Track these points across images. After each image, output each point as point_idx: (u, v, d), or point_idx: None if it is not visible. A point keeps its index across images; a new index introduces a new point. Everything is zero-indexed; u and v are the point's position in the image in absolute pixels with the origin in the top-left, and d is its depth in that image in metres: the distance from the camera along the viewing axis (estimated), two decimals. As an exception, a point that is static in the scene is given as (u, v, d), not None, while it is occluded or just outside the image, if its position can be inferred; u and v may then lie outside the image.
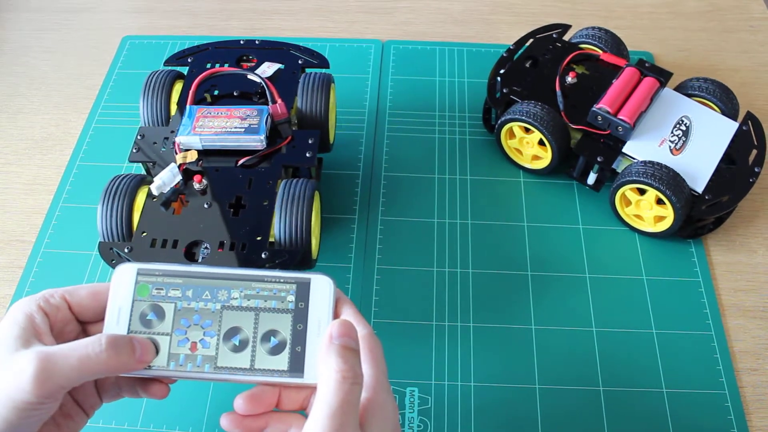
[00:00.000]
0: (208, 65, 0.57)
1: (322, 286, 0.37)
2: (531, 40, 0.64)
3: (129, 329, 0.36)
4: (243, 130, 0.50)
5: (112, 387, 0.37)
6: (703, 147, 0.56)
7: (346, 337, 0.33)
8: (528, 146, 0.60)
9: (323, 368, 0.33)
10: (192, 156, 0.50)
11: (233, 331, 0.36)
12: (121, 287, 0.36)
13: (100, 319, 0.36)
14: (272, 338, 0.36)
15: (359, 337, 0.35)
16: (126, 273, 0.37)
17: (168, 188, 0.48)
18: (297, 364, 0.35)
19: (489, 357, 0.51)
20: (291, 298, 0.37)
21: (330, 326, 0.34)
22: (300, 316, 0.36)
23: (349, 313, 0.37)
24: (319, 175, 0.60)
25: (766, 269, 0.56)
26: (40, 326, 0.34)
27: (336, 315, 0.37)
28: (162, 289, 0.37)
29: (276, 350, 0.36)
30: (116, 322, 0.36)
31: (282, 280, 0.37)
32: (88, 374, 0.33)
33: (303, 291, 0.37)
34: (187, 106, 0.52)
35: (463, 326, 0.52)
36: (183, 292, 0.36)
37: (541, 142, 0.58)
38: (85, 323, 0.37)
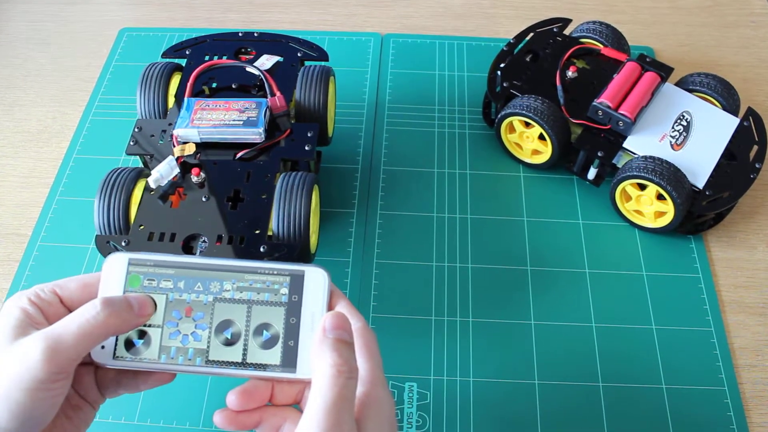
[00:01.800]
0: (206, 57, 0.56)
1: (316, 279, 0.36)
2: (531, 34, 0.64)
3: None
4: (241, 122, 0.49)
5: (111, 383, 0.37)
6: (703, 142, 0.55)
7: (340, 330, 0.33)
8: (528, 141, 0.59)
9: (317, 362, 0.32)
10: (190, 149, 0.49)
11: (225, 324, 0.36)
12: (112, 277, 0.36)
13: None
14: (265, 332, 0.35)
15: (353, 330, 0.34)
16: (117, 263, 0.36)
17: (165, 181, 0.48)
18: (289, 359, 0.35)
19: (488, 352, 0.51)
20: (284, 290, 0.36)
21: (323, 319, 0.33)
22: (293, 309, 0.36)
23: (342, 306, 0.36)
24: (318, 168, 0.60)
25: (766, 265, 0.56)
26: (35, 317, 0.34)
27: (330, 308, 0.36)
28: (153, 279, 0.36)
29: (268, 344, 0.35)
30: None
31: (275, 272, 0.36)
32: (91, 338, 0.33)
33: (297, 284, 0.36)
34: (185, 99, 0.51)
35: (462, 321, 0.52)
36: (175, 284, 0.36)
37: (541, 137, 0.58)
38: None
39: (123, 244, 0.45)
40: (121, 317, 0.34)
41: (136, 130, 0.52)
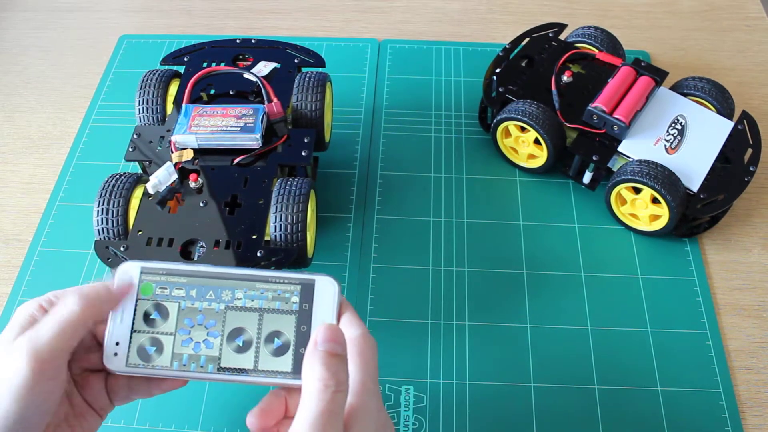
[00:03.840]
0: (205, 64, 0.57)
1: (326, 288, 0.37)
2: (527, 40, 0.64)
3: (132, 328, 0.36)
4: (239, 128, 0.50)
5: (122, 389, 0.37)
6: (698, 146, 0.56)
7: (332, 343, 0.32)
8: (524, 145, 0.60)
9: (306, 375, 0.32)
10: (188, 155, 0.50)
11: (237, 332, 0.36)
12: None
13: (103, 317, 0.36)
14: (276, 339, 0.36)
15: (351, 338, 0.34)
16: (130, 271, 0.37)
17: (164, 187, 0.48)
18: (300, 366, 0.35)
19: (484, 355, 0.51)
20: (295, 299, 0.36)
21: (315, 332, 0.33)
22: (304, 317, 0.36)
23: (346, 314, 0.36)
24: (315, 174, 0.60)
25: (761, 268, 0.56)
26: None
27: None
28: (166, 288, 0.37)
29: (280, 351, 0.36)
30: (119, 320, 0.36)
31: (286, 281, 0.37)
32: (68, 331, 0.33)
33: (307, 292, 0.37)
34: (183, 105, 0.52)
35: (458, 324, 0.52)
36: (187, 292, 0.37)
37: (536, 141, 0.58)
38: None
39: (122, 249, 0.46)
40: (94, 305, 0.34)
41: (135, 136, 0.52)
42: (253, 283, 0.37)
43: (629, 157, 0.55)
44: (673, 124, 0.57)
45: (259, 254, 0.45)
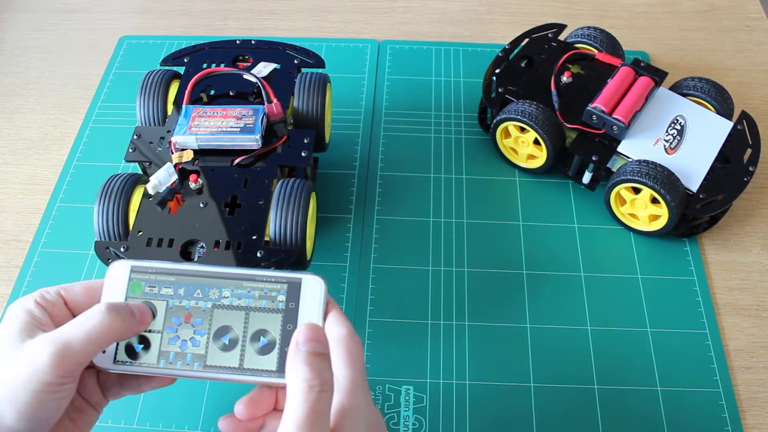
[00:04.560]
0: (205, 65, 0.57)
1: (313, 287, 0.37)
2: (526, 40, 0.64)
3: None
4: (239, 129, 0.50)
5: (114, 385, 0.38)
6: (697, 146, 0.56)
7: (313, 342, 0.32)
8: (523, 145, 0.60)
9: (290, 376, 0.31)
10: (188, 155, 0.50)
11: (223, 330, 0.36)
12: (115, 284, 0.37)
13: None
14: (262, 338, 0.36)
15: (338, 337, 0.34)
16: (120, 270, 0.37)
17: (164, 187, 0.48)
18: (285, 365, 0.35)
19: (484, 355, 0.51)
20: (282, 298, 0.36)
21: (296, 332, 0.33)
22: (290, 316, 0.36)
23: (332, 313, 0.36)
24: (315, 174, 0.60)
25: (761, 268, 0.56)
26: (41, 319, 0.34)
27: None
28: (154, 286, 0.37)
29: (265, 350, 0.36)
30: None
31: (273, 280, 0.37)
32: (98, 343, 0.33)
33: (294, 291, 0.37)
34: (183, 106, 0.52)
35: (458, 325, 0.52)
36: (175, 290, 0.37)
37: (536, 142, 0.58)
38: None
39: (122, 249, 0.46)
40: (125, 323, 0.35)
41: (135, 137, 0.52)
42: (240, 281, 0.37)
43: (629, 158, 0.55)
44: (672, 125, 0.57)
45: (259, 255, 0.45)
